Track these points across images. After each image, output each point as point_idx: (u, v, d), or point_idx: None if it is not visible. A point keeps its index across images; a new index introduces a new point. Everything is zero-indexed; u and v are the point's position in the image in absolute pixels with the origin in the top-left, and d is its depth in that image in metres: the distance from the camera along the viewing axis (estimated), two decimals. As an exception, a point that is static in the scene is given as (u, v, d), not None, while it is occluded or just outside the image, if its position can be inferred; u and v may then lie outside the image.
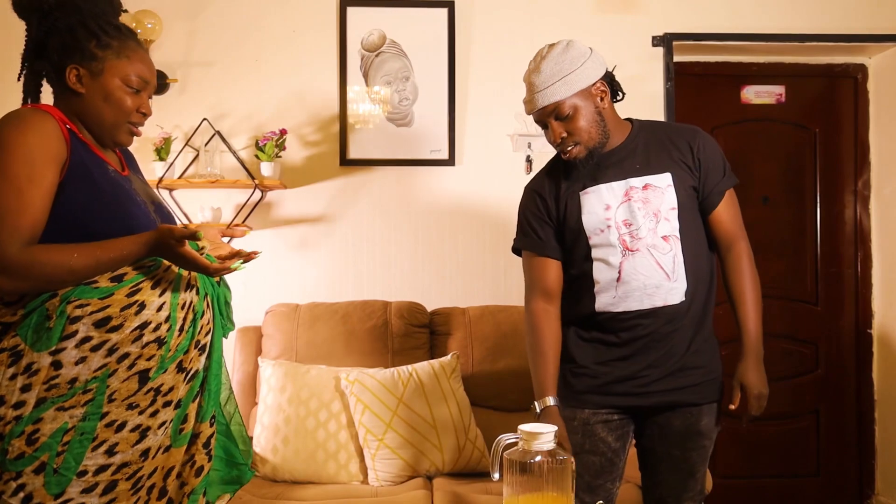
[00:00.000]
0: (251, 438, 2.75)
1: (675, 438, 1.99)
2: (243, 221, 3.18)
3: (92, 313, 1.46)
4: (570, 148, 1.96)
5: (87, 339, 1.45)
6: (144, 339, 1.49)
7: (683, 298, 1.95)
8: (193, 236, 1.46)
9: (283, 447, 2.66)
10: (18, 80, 1.64)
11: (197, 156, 3.17)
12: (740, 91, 3.60)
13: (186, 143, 3.17)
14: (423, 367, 2.79)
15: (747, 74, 3.59)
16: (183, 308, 1.56)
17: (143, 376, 1.50)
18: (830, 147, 3.62)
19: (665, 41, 3.33)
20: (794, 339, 3.61)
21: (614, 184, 1.97)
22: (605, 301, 1.97)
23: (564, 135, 1.95)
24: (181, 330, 1.55)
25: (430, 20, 3.27)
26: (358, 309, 3.02)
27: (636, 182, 1.96)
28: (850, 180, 3.62)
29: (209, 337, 1.63)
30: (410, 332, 2.99)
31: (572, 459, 1.40)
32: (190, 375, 1.58)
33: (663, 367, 1.96)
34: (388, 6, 3.28)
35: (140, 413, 1.50)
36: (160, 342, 1.51)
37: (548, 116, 1.95)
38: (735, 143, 3.57)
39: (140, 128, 1.65)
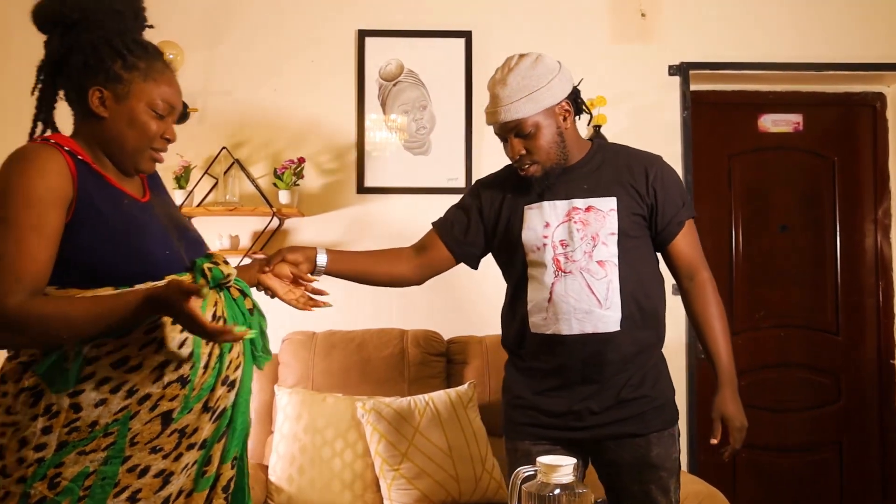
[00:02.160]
0: (266, 467, 2.75)
1: (629, 472, 1.93)
2: (261, 249, 3.19)
3: (109, 353, 1.38)
4: (527, 166, 1.94)
5: (106, 380, 1.37)
6: (166, 379, 1.39)
7: (619, 328, 1.89)
8: (199, 293, 1.31)
9: (298, 476, 2.64)
10: (32, 93, 1.52)
11: (216, 184, 3.20)
12: (757, 119, 3.59)
13: (206, 172, 3.20)
14: (439, 397, 2.77)
15: (764, 103, 3.58)
16: (208, 343, 1.44)
17: (167, 418, 1.40)
18: (849, 175, 3.60)
19: (681, 70, 3.33)
20: (814, 370, 3.56)
21: (558, 203, 1.94)
22: (536, 321, 1.94)
23: (523, 152, 1.93)
24: (206, 367, 1.44)
25: (448, 50, 3.30)
26: (374, 337, 3.01)
27: (580, 203, 1.93)
28: (869, 209, 3.59)
29: (238, 371, 1.52)
30: (427, 361, 2.98)
31: (592, 493, 1.38)
32: (217, 414, 1.48)
33: (600, 399, 1.92)
34: (406, 36, 3.31)
35: (164, 457, 1.40)
36: (183, 381, 1.41)
37: (509, 132, 1.93)
38: (752, 172, 3.56)
39: (162, 154, 1.55)
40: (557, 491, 1.35)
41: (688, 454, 3.22)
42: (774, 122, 3.60)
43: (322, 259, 1.92)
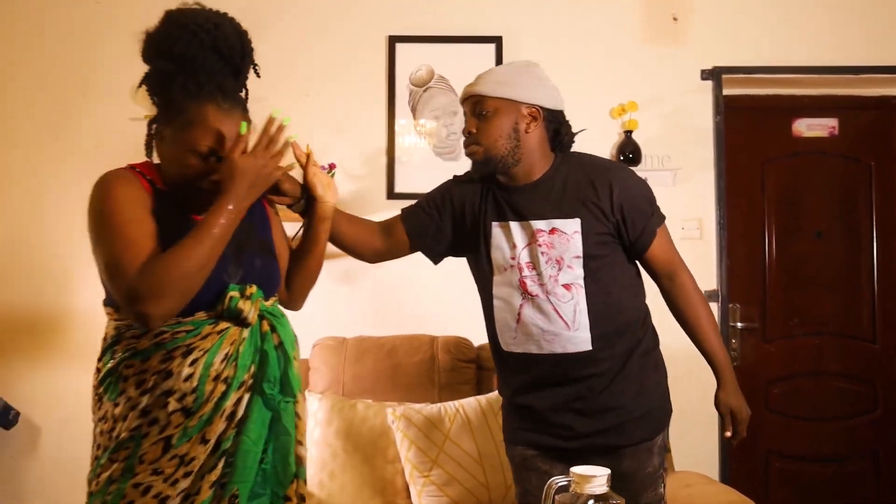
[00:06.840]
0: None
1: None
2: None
3: (135, 374, 1.50)
4: (471, 145, 1.93)
5: (129, 399, 1.50)
6: (170, 408, 1.47)
7: (591, 347, 1.88)
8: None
9: (329, 482, 2.65)
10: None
11: (247, 190, 3.22)
12: (792, 124, 3.55)
13: (237, 178, 3.22)
14: (469, 403, 2.77)
15: (799, 107, 3.53)
16: (215, 380, 1.50)
17: (168, 443, 1.48)
18: (886, 180, 3.53)
19: (714, 74, 3.30)
20: (849, 378, 3.50)
21: (522, 223, 1.92)
22: (506, 340, 1.95)
23: (473, 131, 1.92)
24: (207, 400, 1.49)
25: (478, 55, 3.30)
26: (405, 343, 3.01)
27: (543, 225, 1.90)
28: (907, 214, 3.53)
29: (243, 410, 1.53)
30: (457, 367, 2.98)
31: (626, 504, 1.37)
32: (212, 446, 1.50)
33: (581, 410, 1.92)
34: (437, 42, 3.31)
35: (164, 480, 1.47)
36: (186, 412, 1.48)
37: (468, 108, 1.95)
38: (787, 177, 3.52)
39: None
40: (591, 502, 1.34)
41: (720, 463, 3.18)
42: (809, 127, 3.55)
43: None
